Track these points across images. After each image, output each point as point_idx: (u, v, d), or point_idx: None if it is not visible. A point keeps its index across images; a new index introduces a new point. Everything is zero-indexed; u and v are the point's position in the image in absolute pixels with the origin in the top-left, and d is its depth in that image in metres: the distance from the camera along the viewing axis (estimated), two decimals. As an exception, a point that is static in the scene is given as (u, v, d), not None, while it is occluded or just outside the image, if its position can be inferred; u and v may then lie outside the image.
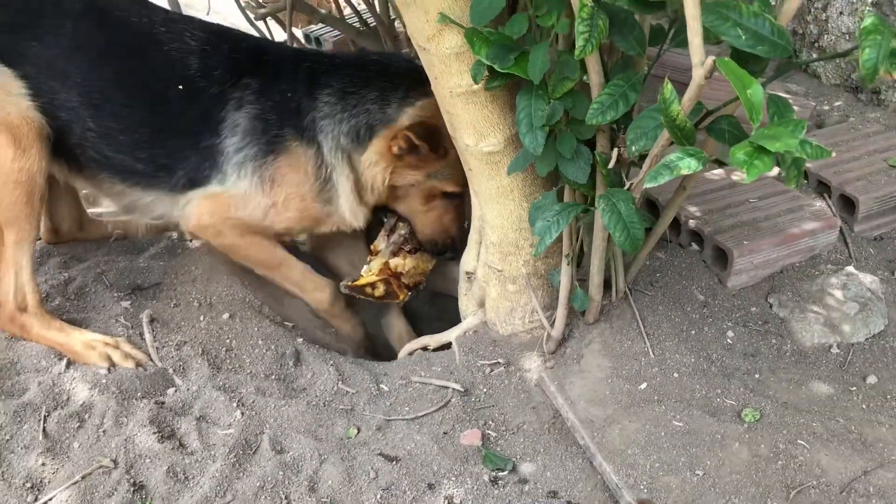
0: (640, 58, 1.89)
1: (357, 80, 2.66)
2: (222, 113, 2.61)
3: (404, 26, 3.63)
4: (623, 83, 1.80)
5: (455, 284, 3.03)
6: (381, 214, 2.98)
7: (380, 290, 2.84)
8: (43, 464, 2.07)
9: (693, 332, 2.39)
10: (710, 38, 1.56)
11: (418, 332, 2.96)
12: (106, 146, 2.59)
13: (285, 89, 2.66)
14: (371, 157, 2.68)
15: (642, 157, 1.88)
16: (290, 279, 2.82)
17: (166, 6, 2.96)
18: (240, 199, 2.65)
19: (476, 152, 2.21)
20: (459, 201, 2.87)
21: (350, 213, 2.74)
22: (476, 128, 2.15)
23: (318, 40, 4.88)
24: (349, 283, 2.82)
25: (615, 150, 1.89)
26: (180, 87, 2.58)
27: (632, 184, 1.89)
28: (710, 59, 1.48)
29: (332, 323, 2.90)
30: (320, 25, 4.91)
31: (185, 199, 2.71)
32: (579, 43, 1.68)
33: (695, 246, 2.68)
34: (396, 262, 2.87)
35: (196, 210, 2.70)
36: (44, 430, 2.15)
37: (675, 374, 2.24)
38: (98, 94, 2.53)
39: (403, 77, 2.67)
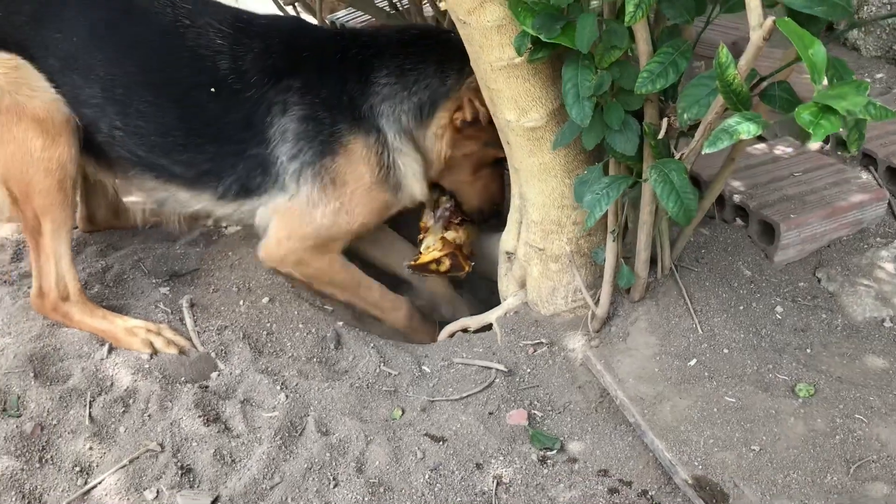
0: (687, 25, 1.85)
1: (413, 56, 2.59)
2: (267, 119, 2.52)
3: (435, 6, 3.60)
4: (672, 51, 1.76)
5: (492, 266, 3.01)
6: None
7: (445, 264, 2.81)
8: (90, 448, 2.07)
9: (741, 307, 2.34)
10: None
11: (458, 315, 2.93)
12: (138, 147, 2.53)
13: (334, 81, 2.56)
14: (435, 131, 2.63)
15: (692, 128, 1.85)
16: (369, 300, 2.78)
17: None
18: (306, 208, 2.57)
19: (517, 128, 2.17)
20: (503, 168, 2.80)
21: (420, 191, 2.70)
22: (517, 103, 2.12)
23: (343, 26, 4.86)
24: (412, 263, 2.80)
25: (664, 120, 1.85)
26: (212, 89, 2.49)
27: (682, 153, 1.85)
28: (770, 19, 1.43)
29: (412, 338, 2.83)
30: (345, 11, 4.88)
31: (239, 211, 2.66)
32: (629, 9, 1.64)
33: (739, 221, 2.63)
34: (453, 235, 2.84)
35: (273, 238, 2.64)
36: (90, 415, 2.15)
37: (725, 350, 2.20)
38: (123, 91, 2.46)
39: (455, 48, 2.52)
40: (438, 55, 2.59)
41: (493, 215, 2.90)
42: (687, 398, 2.06)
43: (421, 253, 2.84)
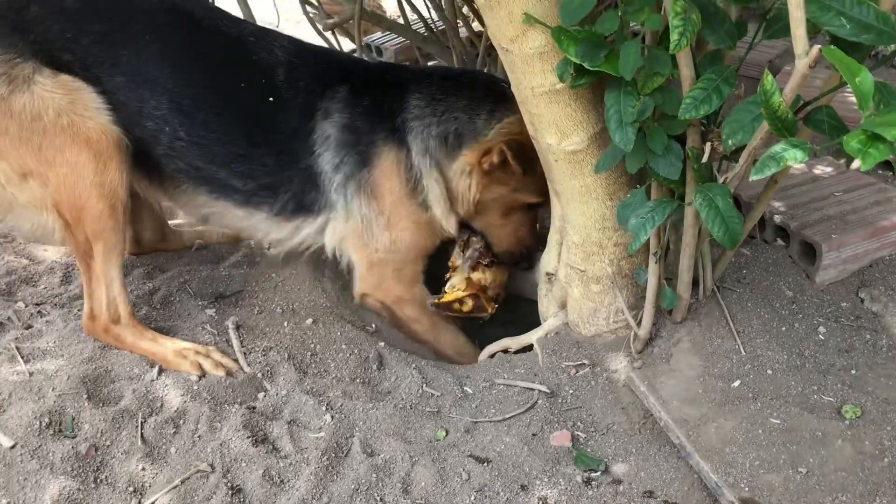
0: (729, 51, 1.87)
1: (445, 89, 2.67)
2: (311, 124, 2.60)
3: (470, 29, 3.65)
4: (716, 77, 1.78)
5: (529, 286, 3.03)
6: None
7: (468, 305, 2.82)
8: (143, 468, 2.11)
9: (783, 328, 2.34)
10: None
11: (494, 337, 2.95)
12: (198, 158, 2.59)
13: (374, 95, 2.66)
14: (462, 168, 2.68)
15: (735, 152, 1.87)
16: (448, 346, 2.85)
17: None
18: (364, 229, 2.67)
19: (558, 151, 2.20)
20: (535, 211, 2.88)
21: (444, 218, 2.74)
22: (559, 127, 2.15)
23: (378, 49, 4.93)
24: (436, 301, 2.81)
25: (707, 145, 1.87)
26: (270, 98, 2.58)
27: (726, 177, 1.87)
28: (816, 48, 1.45)
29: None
30: (380, 34, 4.95)
31: (304, 233, 2.73)
32: (674, 37, 1.66)
33: (780, 241, 2.64)
34: (479, 276, 2.86)
35: (358, 276, 2.76)
36: (142, 436, 2.20)
37: (769, 371, 2.20)
38: (190, 102, 2.53)
39: (490, 91, 2.68)
40: (471, 93, 2.67)
41: (523, 258, 2.93)
42: (732, 420, 2.07)
43: (446, 292, 2.86)
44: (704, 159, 1.87)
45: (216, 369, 2.42)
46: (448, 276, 2.94)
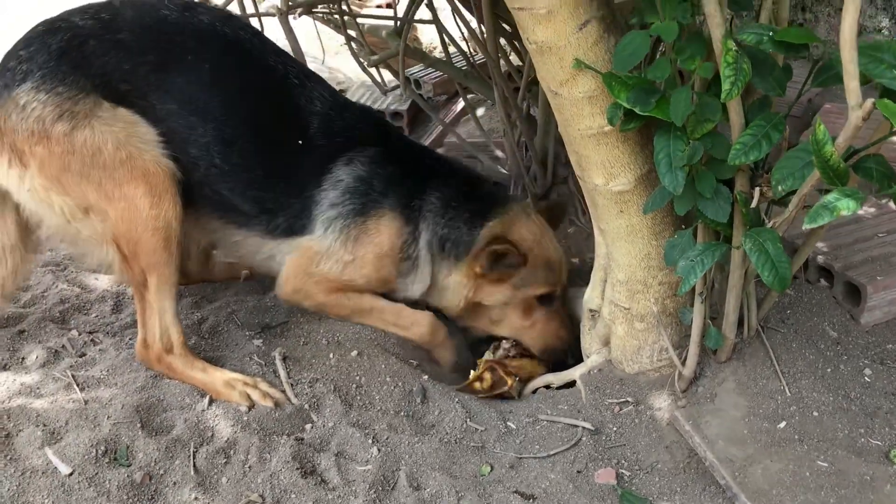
0: (779, 97, 1.91)
1: (461, 196, 2.81)
2: (330, 165, 2.71)
3: (510, 63, 3.71)
4: (765, 123, 1.82)
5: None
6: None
7: (487, 380, 2.79)
8: (196, 498, 2.16)
9: (829, 370, 2.35)
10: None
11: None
12: (224, 184, 2.67)
13: (401, 168, 2.79)
14: (458, 280, 2.83)
15: (783, 196, 1.89)
16: (387, 321, 2.87)
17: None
18: (322, 254, 2.74)
19: (605, 192, 2.24)
20: (558, 302, 2.94)
21: (418, 293, 2.90)
22: (606, 168, 2.19)
23: (417, 82, 5.01)
24: (459, 387, 2.77)
25: (756, 190, 1.90)
26: (300, 140, 2.69)
27: (774, 222, 1.89)
28: (870, 101, 1.49)
29: (434, 353, 2.93)
30: (419, 67, 5.03)
31: (277, 248, 2.80)
32: (725, 86, 1.71)
33: (823, 282, 2.65)
34: (498, 356, 2.91)
35: (284, 274, 2.81)
36: (194, 465, 2.24)
37: (815, 413, 2.20)
38: (231, 131, 2.61)
39: (486, 198, 2.86)
40: (477, 205, 2.82)
41: (563, 353, 2.90)
42: (778, 461, 2.07)
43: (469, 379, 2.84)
44: (753, 204, 1.90)
45: (264, 400, 2.47)
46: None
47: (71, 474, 2.15)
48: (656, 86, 1.92)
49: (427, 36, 6.19)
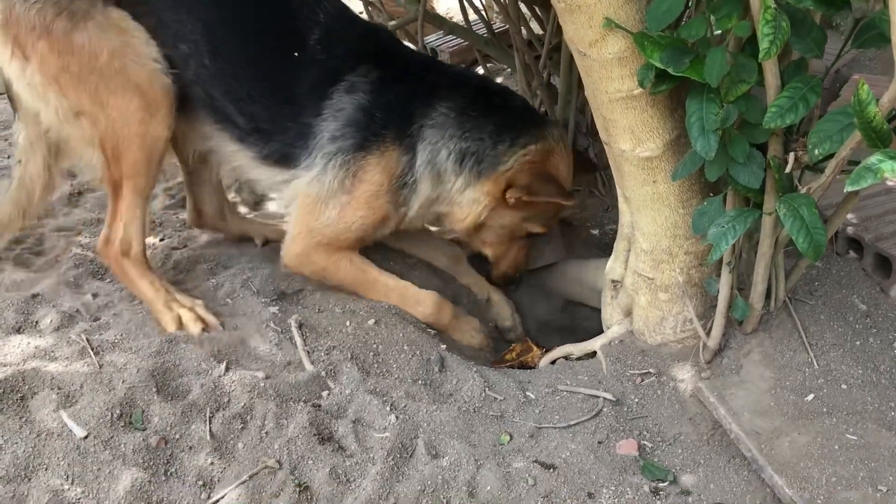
0: (817, 59, 1.85)
1: (478, 105, 2.67)
2: (330, 90, 2.60)
3: (531, 31, 3.64)
4: (802, 85, 1.76)
5: (589, 291, 3.02)
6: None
7: (515, 349, 2.88)
8: (212, 463, 2.13)
9: (858, 342, 2.30)
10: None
11: (554, 342, 2.93)
12: (215, 87, 2.62)
13: (403, 91, 2.66)
14: (473, 196, 2.71)
15: (818, 162, 1.84)
16: (390, 297, 2.80)
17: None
18: (322, 199, 2.65)
19: (632, 157, 2.18)
20: (534, 239, 2.96)
21: (417, 217, 2.80)
22: (634, 133, 2.13)
23: (434, 51, 4.94)
24: (495, 361, 2.86)
25: (791, 154, 1.84)
26: (296, 53, 2.59)
27: (809, 187, 1.84)
28: (919, 57, 1.42)
29: (451, 335, 2.87)
30: (436, 35, 4.96)
31: (271, 178, 2.73)
32: (763, 45, 1.64)
33: (853, 253, 2.59)
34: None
35: (289, 236, 2.76)
36: (210, 430, 2.21)
37: (843, 386, 2.16)
38: (222, 33, 2.57)
39: (520, 116, 2.72)
40: (502, 116, 2.68)
41: (514, 281, 3.06)
42: (806, 434, 2.03)
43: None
44: (788, 169, 1.84)
45: (194, 323, 2.53)
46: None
47: (86, 437, 2.12)
48: (690, 46, 1.85)
49: (443, 4, 6.11)
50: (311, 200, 2.68)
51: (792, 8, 1.74)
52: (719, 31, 1.87)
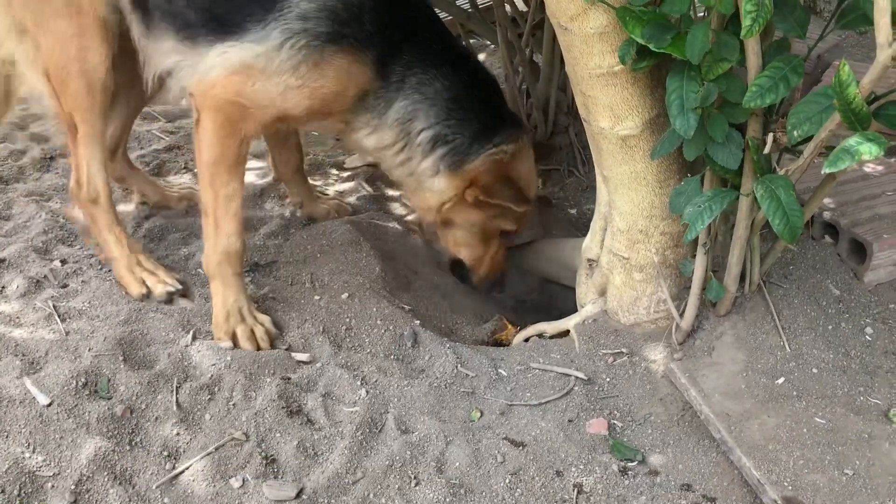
0: (799, 39, 1.83)
1: (471, 98, 2.55)
2: None
3: (514, 7, 3.59)
4: (783, 65, 1.74)
5: (564, 271, 3.00)
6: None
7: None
8: (178, 434, 2.10)
9: (830, 327, 2.30)
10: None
11: (528, 321, 2.92)
12: None
13: (404, 20, 2.43)
14: (441, 186, 2.63)
15: (797, 144, 1.83)
16: (209, 224, 2.47)
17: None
18: (266, 71, 2.29)
19: (610, 135, 2.16)
20: (509, 240, 2.90)
21: (369, 145, 2.60)
22: (613, 110, 2.11)
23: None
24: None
25: (770, 135, 1.82)
26: None
27: (787, 170, 1.83)
28: (901, 38, 1.41)
29: (211, 284, 2.52)
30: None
31: (212, 52, 2.34)
32: (746, 23, 1.62)
33: (828, 238, 2.59)
34: None
35: (214, 75, 2.34)
36: (177, 401, 2.18)
37: (814, 370, 2.16)
38: None
39: (497, 113, 2.63)
40: (486, 115, 2.57)
41: (497, 285, 2.98)
42: (775, 417, 2.03)
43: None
44: (766, 150, 1.83)
45: (160, 287, 2.58)
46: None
47: (49, 405, 2.09)
48: (673, 22, 1.83)
49: (428, -20, 6.03)
50: (251, 69, 2.29)
51: (776, -14, 1.72)
52: (703, 9, 1.85)
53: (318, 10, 2.27)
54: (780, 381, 2.13)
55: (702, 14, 1.94)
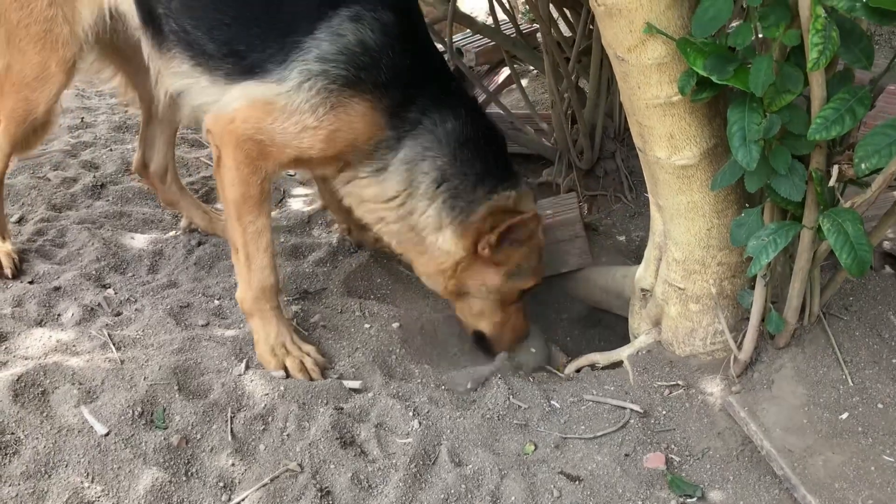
0: (865, 70, 1.80)
1: (479, 142, 2.49)
2: (331, 12, 2.29)
3: (560, 33, 3.59)
4: (849, 97, 1.71)
5: (614, 299, 2.97)
6: None
7: None
8: (233, 464, 2.10)
9: (894, 360, 2.24)
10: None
11: (573, 350, 2.89)
12: (187, 19, 2.40)
13: (416, 65, 2.40)
14: (450, 240, 2.51)
15: (863, 176, 1.79)
16: (240, 263, 2.49)
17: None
18: (284, 110, 2.30)
19: (667, 165, 2.14)
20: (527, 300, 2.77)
21: (369, 196, 2.54)
22: (671, 140, 2.09)
23: (459, 51, 4.89)
24: None
25: (835, 167, 1.79)
26: None
27: (853, 202, 1.79)
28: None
29: (250, 323, 2.53)
30: (461, 35, 4.92)
31: (224, 92, 2.39)
32: (813, 55, 1.60)
33: (888, 269, 2.53)
34: None
35: (233, 110, 2.37)
36: (231, 431, 2.19)
37: (880, 406, 2.10)
38: None
39: (503, 159, 2.56)
40: (493, 164, 2.51)
41: (518, 346, 2.79)
42: (840, 454, 1.98)
43: None
44: (831, 183, 1.79)
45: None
46: None
47: (107, 434, 2.10)
48: (734, 53, 1.81)
49: (467, 4, 6.06)
50: (270, 106, 2.31)
51: (840, 17, 1.69)
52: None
53: (338, 52, 2.27)
54: (844, 416, 2.08)
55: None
